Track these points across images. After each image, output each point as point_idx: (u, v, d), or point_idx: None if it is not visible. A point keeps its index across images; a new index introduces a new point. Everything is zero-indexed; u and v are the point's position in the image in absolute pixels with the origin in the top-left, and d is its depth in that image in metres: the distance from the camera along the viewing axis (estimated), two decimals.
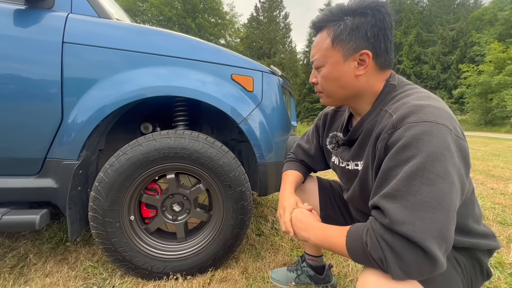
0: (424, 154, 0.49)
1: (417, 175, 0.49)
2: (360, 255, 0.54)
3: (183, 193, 1.18)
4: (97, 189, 1.04)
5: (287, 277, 1.15)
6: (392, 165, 0.53)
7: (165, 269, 1.14)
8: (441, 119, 0.52)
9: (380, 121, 0.62)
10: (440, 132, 0.51)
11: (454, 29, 30.43)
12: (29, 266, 1.23)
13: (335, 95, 0.71)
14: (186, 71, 1.15)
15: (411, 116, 0.54)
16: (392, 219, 0.49)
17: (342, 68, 0.66)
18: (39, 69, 1.04)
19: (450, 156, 0.50)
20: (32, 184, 1.07)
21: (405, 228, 0.47)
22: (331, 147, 0.84)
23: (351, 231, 0.58)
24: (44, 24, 1.05)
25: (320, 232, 0.66)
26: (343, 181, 0.88)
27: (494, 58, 19.18)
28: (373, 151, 0.63)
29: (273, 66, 1.44)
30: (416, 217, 0.48)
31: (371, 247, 0.51)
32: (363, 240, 0.53)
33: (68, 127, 1.06)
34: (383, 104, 0.67)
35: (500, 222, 1.84)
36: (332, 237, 0.62)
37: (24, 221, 0.98)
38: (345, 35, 0.64)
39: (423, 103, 0.56)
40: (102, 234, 1.07)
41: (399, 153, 0.52)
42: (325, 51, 0.67)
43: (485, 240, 0.66)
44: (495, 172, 3.58)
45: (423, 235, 0.46)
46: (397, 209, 0.49)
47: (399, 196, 0.50)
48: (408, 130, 0.52)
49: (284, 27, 37.75)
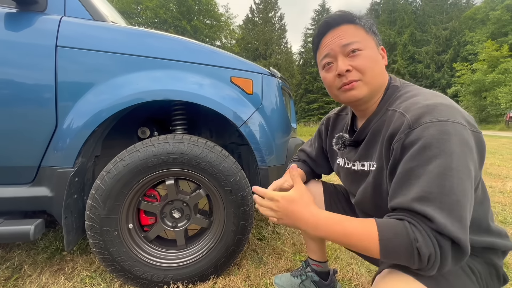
0: (447, 154, 0.51)
1: (446, 175, 0.51)
2: (399, 250, 0.52)
3: (183, 199, 1.15)
4: (94, 197, 1.01)
5: (291, 282, 1.12)
6: (414, 165, 0.54)
7: (166, 278, 1.11)
8: (454, 117, 0.54)
9: (390, 120, 0.63)
10: (456, 130, 0.52)
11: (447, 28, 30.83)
12: (24, 278, 1.19)
13: (375, 81, 0.68)
14: (184, 74, 1.13)
15: (426, 116, 0.55)
16: (437, 222, 0.50)
17: (378, 53, 0.70)
18: (31, 74, 1.01)
19: (470, 152, 0.53)
20: (26, 193, 1.03)
21: (449, 231, 0.49)
22: (337, 147, 0.83)
23: (384, 227, 0.54)
24: (36, 27, 1.02)
25: (331, 226, 0.59)
26: (347, 184, 0.87)
27: (488, 56, 19.46)
28: (387, 152, 0.62)
29: (271, 67, 1.42)
30: (453, 217, 0.50)
31: (423, 243, 0.50)
32: (411, 236, 0.51)
33: (63, 133, 1.03)
34: (388, 104, 0.68)
35: (501, 221, 1.84)
36: (353, 234, 0.56)
37: (18, 232, 0.95)
38: (374, 29, 0.71)
39: (433, 102, 0.57)
40: (100, 244, 1.03)
41: (420, 153, 0.53)
42: (365, 36, 0.69)
43: (500, 240, 0.65)
44: (492, 170, 3.61)
45: (461, 234, 0.49)
46: (436, 213, 0.50)
47: (433, 199, 0.51)
48: (426, 130, 0.53)
49: (280, 28, 37.85)
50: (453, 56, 29.17)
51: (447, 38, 30.56)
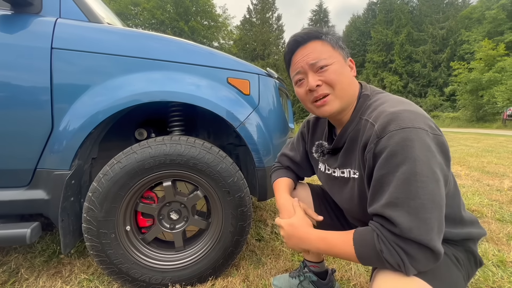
0: (411, 160, 0.54)
1: (411, 180, 0.54)
2: (373, 260, 0.59)
3: (181, 201, 1.15)
4: (90, 199, 1.00)
5: (290, 283, 1.12)
6: (384, 173, 0.58)
7: (164, 280, 1.10)
8: (417, 123, 0.58)
9: (363, 130, 0.67)
10: (418, 135, 0.56)
11: (444, 27, 30.98)
12: (21, 282, 1.18)
13: (345, 94, 0.72)
14: (181, 75, 1.13)
15: (391, 125, 0.59)
16: (401, 227, 0.54)
17: (345, 67, 0.74)
18: (27, 76, 1.00)
19: (432, 156, 0.56)
20: (22, 196, 1.02)
21: (414, 234, 0.53)
22: (317, 155, 0.86)
23: (358, 239, 0.61)
24: (31, 29, 1.02)
25: (320, 242, 0.69)
26: (328, 188, 0.90)
27: (484, 55, 19.55)
28: (362, 161, 0.67)
29: (268, 68, 1.42)
30: (420, 221, 0.53)
31: (387, 254, 0.55)
32: (377, 248, 0.57)
33: (59, 135, 1.02)
34: (361, 113, 0.72)
35: (498, 220, 1.84)
36: (336, 245, 0.65)
37: (14, 235, 0.94)
38: (340, 42, 0.74)
39: (398, 110, 0.61)
40: (97, 246, 1.03)
41: (388, 161, 0.57)
42: (331, 52, 0.72)
43: (475, 229, 0.71)
44: (489, 169, 3.62)
45: (428, 236, 0.52)
46: (402, 216, 0.54)
47: (400, 203, 0.55)
48: (391, 139, 0.57)
49: (277, 28, 37.86)
50: (450, 55, 29.30)
51: (443, 38, 30.69)
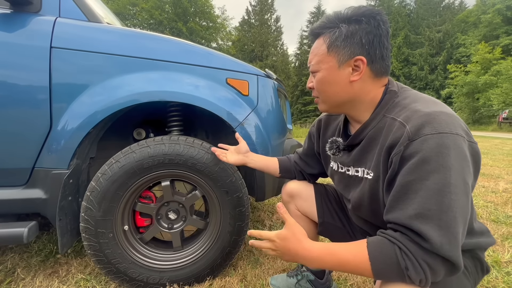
0: (446, 168, 0.50)
1: (445, 191, 0.50)
2: (392, 277, 0.54)
3: (179, 201, 1.15)
4: (88, 199, 1.00)
5: (288, 283, 1.13)
6: (411, 179, 0.53)
7: (162, 279, 1.10)
8: (454, 128, 0.53)
9: (389, 130, 0.62)
10: (456, 142, 0.52)
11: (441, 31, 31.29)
12: (17, 282, 1.17)
13: (330, 100, 0.73)
14: (180, 75, 1.13)
15: (426, 127, 0.54)
16: (431, 242, 0.49)
17: (336, 73, 0.68)
18: (26, 75, 1.00)
19: (467, 165, 0.52)
20: (20, 195, 1.02)
21: (444, 250, 0.49)
22: (331, 152, 0.81)
23: (375, 253, 0.54)
24: (31, 28, 1.01)
25: (326, 257, 0.58)
26: (340, 187, 0.85)
27: (481, 58, 19.77)
28: (385, 163, 0.62)
29: (267, 69, 1.43)
30: (451, 236, 0.50)
31: (413, 271, 0.51)
32: (401, 265, 0.51)
33: (58, 134, 1.02)
34: (386, 111, 0.66)
35: (493, 221, 1.87)
36: (347, 262, 0.56)
37: (11, 235, 0.94)
38: (340, 41, 0.65)
39: (434, 111, 0.56)
40: (95, 246, 1.02)
41: (418, 167, 0.52)
42: (321, 57, 0.69)
43: (484, 238, 0.67)
44: (485, 170, 3.66)
45: (457, 252, 0.50)
46: (433, 230, 0.50)
47: (432, 216, 0.50)
48: (426, 143, 0.52)
49: (276, 29, 37.99)
50: (446, 58, 29.61)
51: (440, 41, 31.00)
